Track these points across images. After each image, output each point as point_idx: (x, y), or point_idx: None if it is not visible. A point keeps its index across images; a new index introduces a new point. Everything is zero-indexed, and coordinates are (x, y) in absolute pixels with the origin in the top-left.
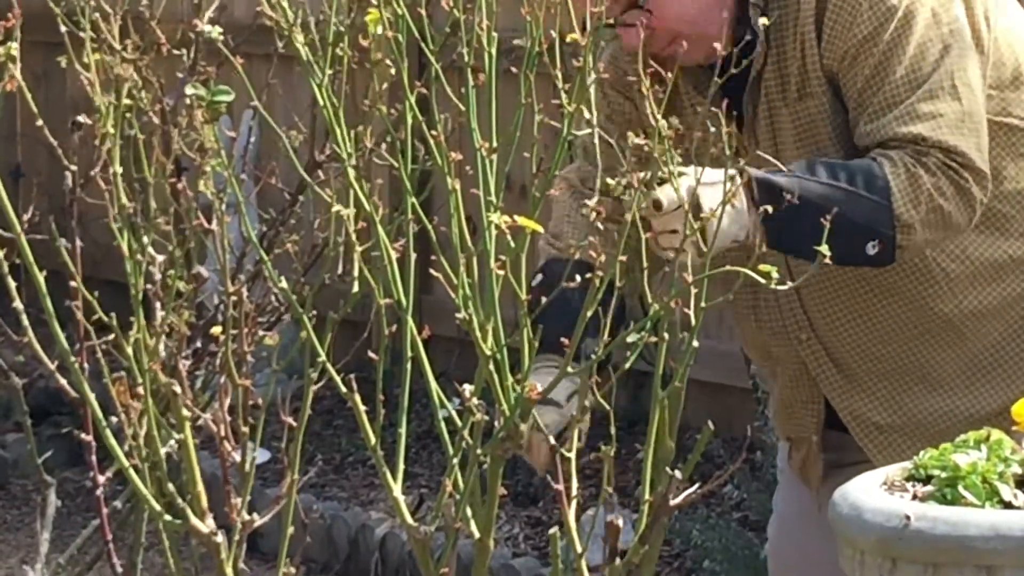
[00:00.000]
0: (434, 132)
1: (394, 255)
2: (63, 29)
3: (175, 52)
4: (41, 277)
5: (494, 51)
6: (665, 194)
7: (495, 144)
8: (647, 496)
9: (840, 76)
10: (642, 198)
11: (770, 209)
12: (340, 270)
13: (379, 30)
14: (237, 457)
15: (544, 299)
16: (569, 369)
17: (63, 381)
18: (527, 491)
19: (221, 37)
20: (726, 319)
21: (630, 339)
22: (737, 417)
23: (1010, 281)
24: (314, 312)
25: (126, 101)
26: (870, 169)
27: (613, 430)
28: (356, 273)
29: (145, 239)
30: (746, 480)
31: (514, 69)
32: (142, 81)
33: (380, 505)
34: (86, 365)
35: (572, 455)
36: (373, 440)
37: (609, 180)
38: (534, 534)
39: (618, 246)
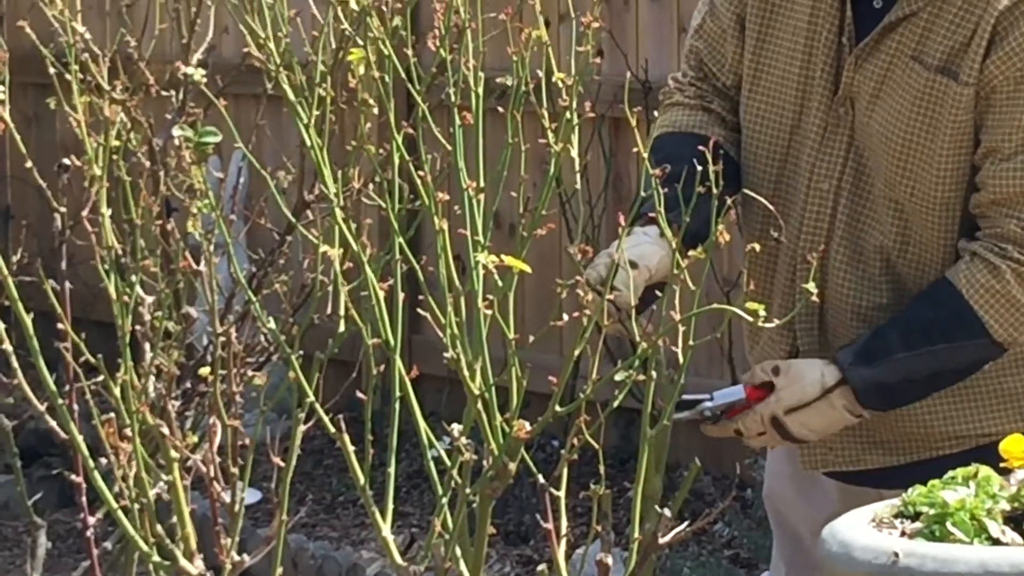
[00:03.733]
0: (421, 172)
1: (382, 295)
2: (52, 71)
3: (164, 93)
4: (29, 319)
5: (481, 91)
6: (745, 427)
7: (482, 183)
8: (636, 534)
9: (993, 93)
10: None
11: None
12: (329, 310)
13: (363, 69)
14: (227, 498)
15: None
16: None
17: (53, 423)
18: (518, 530)
19: (205, 80)
20: (715, 355)
21: (618, 377)
22: (727, 454)
23: None
24: (301, 352)
25: (114, 143)
26: (959, 310)
27: (603, 468)
28: (343, 313)
29: (133, 279)
30: (737, 518)
31: (500, 108)
32: (131, 122)
33: (371, 544)
34: (75, 406)
35: (562, 493)
36: (362, 481)
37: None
38: (525, 572)
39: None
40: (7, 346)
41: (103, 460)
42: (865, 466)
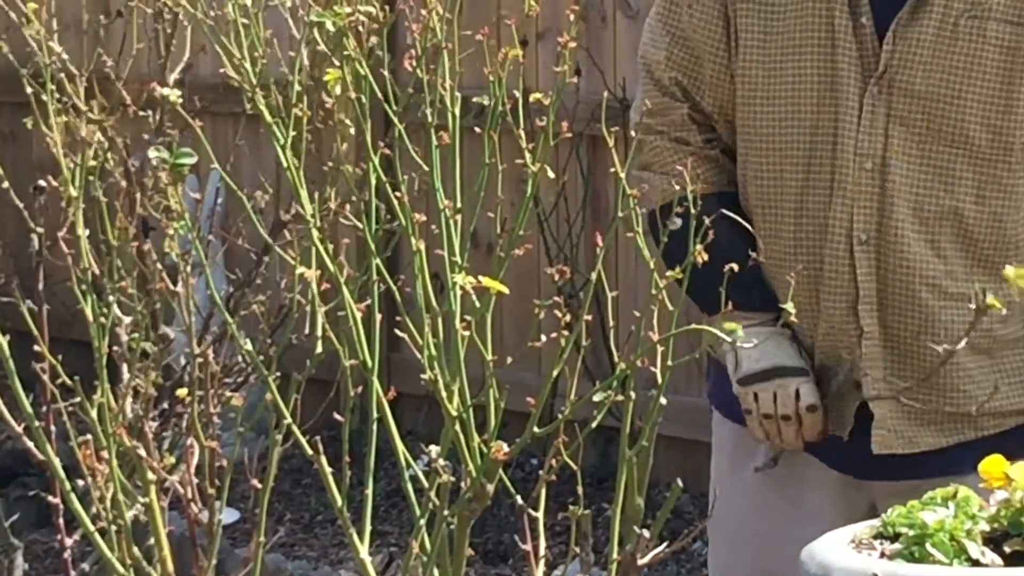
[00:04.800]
0: (398, 193)
1: (359, 315)
2: (29, 91)
3: (141, 113)
4: (4, 340)
5: (457, 111)
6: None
7: (459, 204)
8: (615, 555)
9: None
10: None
11: None
12: (307, 330)
13: (338, 89)
14: (204, 518)
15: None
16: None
17: (30, 443)
18: (497, 548)
19: (180, 100)
20: (693, 375)
21: (596, 397)
22: (706, 473)
23: None
24: (278, 374)
25: (91, 163)
26: None
27: (581, 489)
28: (320, 333)
29: (111, 300)
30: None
31: (478, 129)
32: (108, 142)
33: (350, 564)
34: (53, 428)
35: (540, 514)
36: (340, 502)
37: None
38: None
39: None
40: None
41: (80, 482)
42: (917, 448)
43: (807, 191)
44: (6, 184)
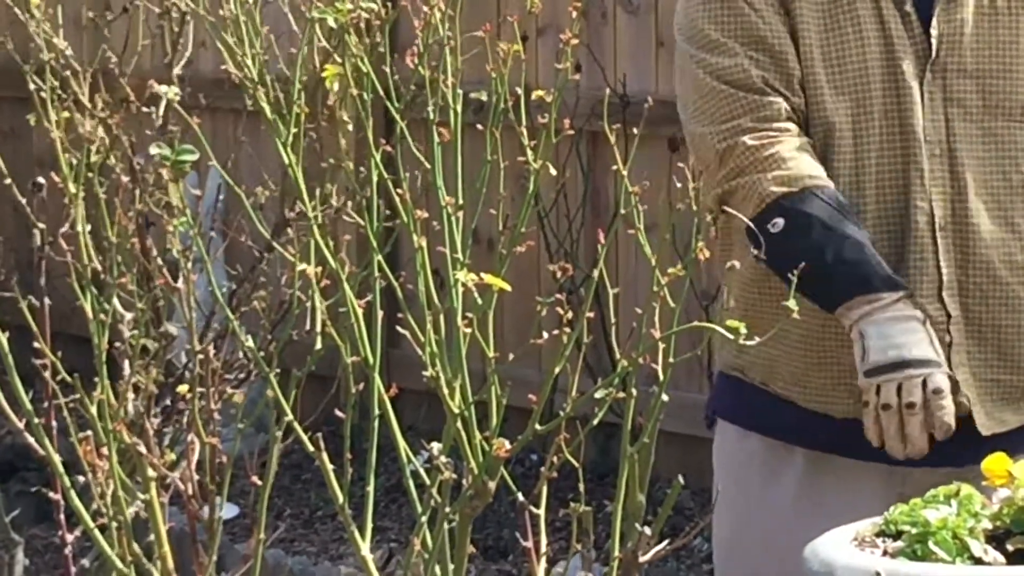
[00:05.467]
0: (400, 190)
1: (360, 311)
2: (31, 87)
3: (144, 109)
4: (4, 336)
5: (459, 108)
6: (907, 393)
7: (461, 201)
8: (616, 552)
9: None
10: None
11: None
12: (307, 326)
13: (336, 86)
14: (205, 514)
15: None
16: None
17: (31, 439)
18: (497, 544)
19: (178, 97)
20: (694, 372)
21: (598, 395)
22: (707, 468)
23: None
24: (279, 370)
25: (93, 158)
26: None
27: (582, 485)
28: (319, 329)
29: (114, 299)
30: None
31: (480, 127)
32: (111, 138)
33: (350, 560)
34: (54, 423)
35: (541, 511)
36: (341, 498)
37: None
38: None
39: None
40: None
41: (80, 478)
42: (1007, 427)
43: (883, 183)
44: (8, 180)
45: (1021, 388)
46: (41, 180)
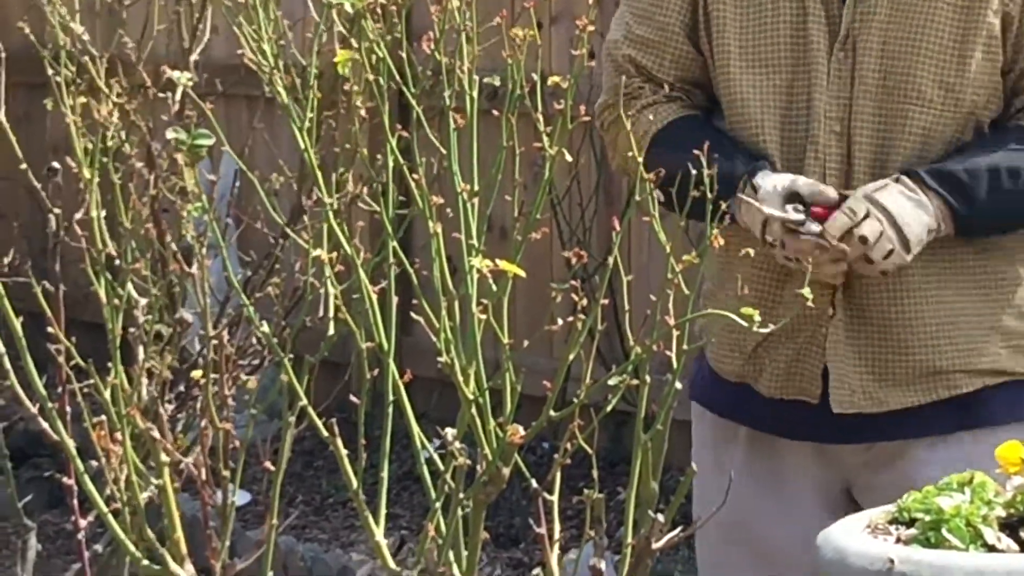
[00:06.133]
0: (415, 176)
1: (375, 297)
2: (49, 72)
3: (160, 95)
4: (18, 322)
5: (475, 94)
6: (868, 229)
7: (476, 187)
8: (629, 539)
9: (1019, 22)
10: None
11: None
12: (321, 313)
13: (348, 72)
14: (218, 500)
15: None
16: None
17: (44, 424)
18: (508, 532)
19: (191, 83)
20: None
21: (611, 382)
22: None
23: None
24: (291, 355)
25: (109, 144)
26: (1015, 131)
27: (596, 473)
28: (332, 316)
29: (128, 284)
30: None
31: (496, 112)
32: (128, 124)
33: (361, 547)
34: (67, 408)
35: (555, 497)
36: (355, 484)
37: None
38: (516, 575)
39: None
40: None
41: (93, 463)
42: (887, 407)
43: (784, 157)
44: (24, 166)
45: (911, 370)
46: (56, 165)
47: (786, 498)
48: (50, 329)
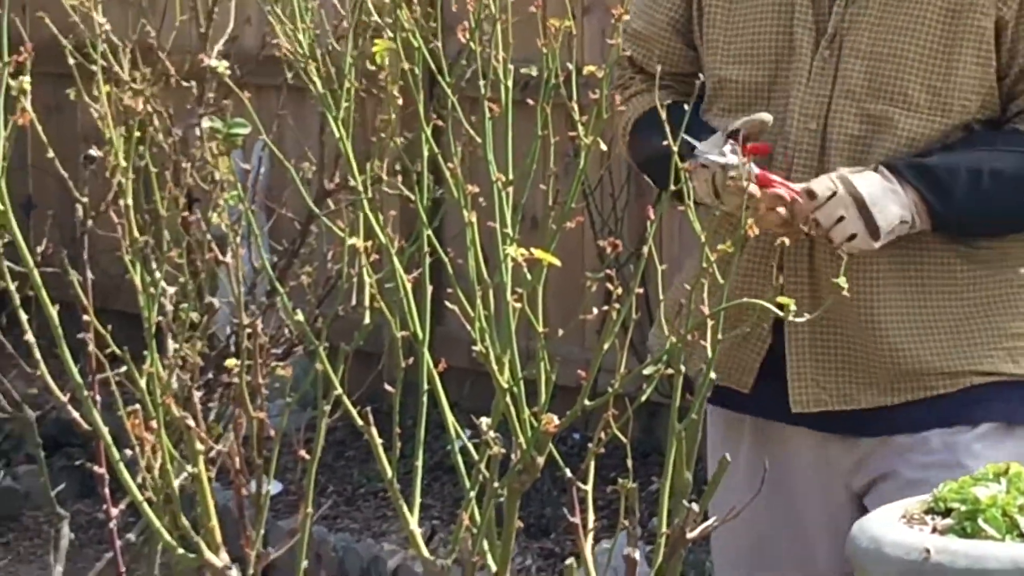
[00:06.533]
0: (450, 164)
1: (409, 286)
2: (72, 61)
3: (184, 84)
4: (54, 310)
5: (510, 83)
6: (818, 184)
7: (511, 176)
8: (664, 528)
9: (1014, 26)
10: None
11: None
12: (353, 302)
13: (386, 60)
14: (252, 489)
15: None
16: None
17: (76, 413)
18: (539, 522)
19: (228, 71)
20: None
21: (646, 372)
22: None
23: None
24: (327, 343)
25: (137, 133)
26: (1008, 134)
27: (630, 463)
28: (368, 304)
29: (157, 272)
30: None
31: (530, 101)
32: (152, 112)
33: (392, 537)
34: (98, 397)
35: (589, 487)
36: (390, 473)
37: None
38: (547, 566)
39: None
40: (30, 336)
41: (127, 451)
42: (858, 405)
43: (779, 129)
44: (52, 155)
45: (882, 369)
46: (93, 152)
47: (790, 484)
48: (85, 317)
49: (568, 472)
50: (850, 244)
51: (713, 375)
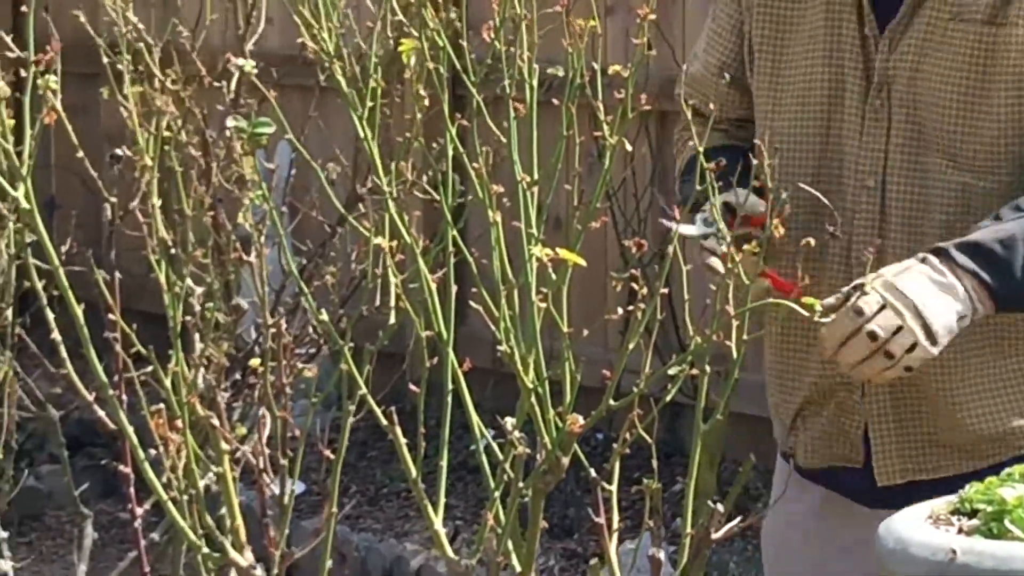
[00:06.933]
0: (475, 164)
1: (434, 286)
2: (105, 60)
3: (215, 84)
4: (80, 309)
5: (535, 83)
6: (865, 301)
7: (536, 177)
8: (688, 529)
9: None
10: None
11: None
12: (377, 302)
13: (412, 61)
14: (275, 489)
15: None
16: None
17: (100, 413)
18: (562, 523)
19: (255, 71)
20: (761, 352)
21: (671, 372)
22: (772, 449)
23: None
24: (352, 343)
25: (165, 133)
26: None
27: (655, 463)
28: (393, 305)
29: (184, 271)
30: None
31: (555, 101)
32: (183, 113)
33: (415, 537)
34: (124, 397)
35: (613, 487)
36: (414, 473)
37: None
38: (570, 566)
39: None
40: (56, 335)
41: (151, 451)
42: (945, 472)
43: (806, 209)
44: (80, 154)
45: (958, 435)
46: (120, 152)
47: (841, 542)
48: (111, 317)
49: (593, 472)
50: (910, 356)
51: (736, 375)
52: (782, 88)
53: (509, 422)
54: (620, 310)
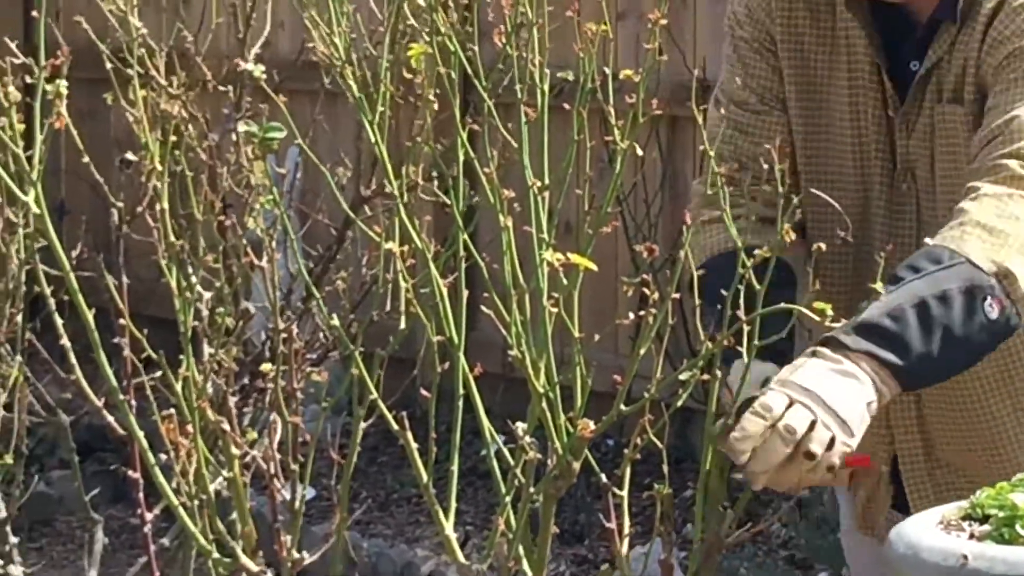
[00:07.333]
0: (486, 169)
1: (445, 291)
2: (109, 66)
3: (220, 88)
4: (91, 315)
5: (546, 87)
6: (793, 418)
7: (546, 181)
8: (699, 534)
9: (988, 87)
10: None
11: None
12: (388, 307)
13: (422, 65)
14: (286, 495)
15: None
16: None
17: (110, 418)
18: (573, 528)
19: (264, 75)
20: None
21: (682, 377)
22: None
23: None
24: (362, 348)
25: (172, 138)
26: (929, 250)
27: (666, 468)
28: (403, 309)
29: (193, 276)
30: (793, 518)
31: (567, 105)
32: (188, 117)
33: (425, 542)
34: (133, 402)
35: (624, 492)
36: (425, 478)
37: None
38: (581, 572)
39: None
40: (66, 341)
41: (161, 456)
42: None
43: (859, 261)
44: (87, 159)
45: (982, 476)
46: (130, 156)
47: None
48: (121, 321)
49: (604, 478)
50: (829, 454)
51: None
52: (815, 161)
53: (520, 427)
54: (631, 315)
